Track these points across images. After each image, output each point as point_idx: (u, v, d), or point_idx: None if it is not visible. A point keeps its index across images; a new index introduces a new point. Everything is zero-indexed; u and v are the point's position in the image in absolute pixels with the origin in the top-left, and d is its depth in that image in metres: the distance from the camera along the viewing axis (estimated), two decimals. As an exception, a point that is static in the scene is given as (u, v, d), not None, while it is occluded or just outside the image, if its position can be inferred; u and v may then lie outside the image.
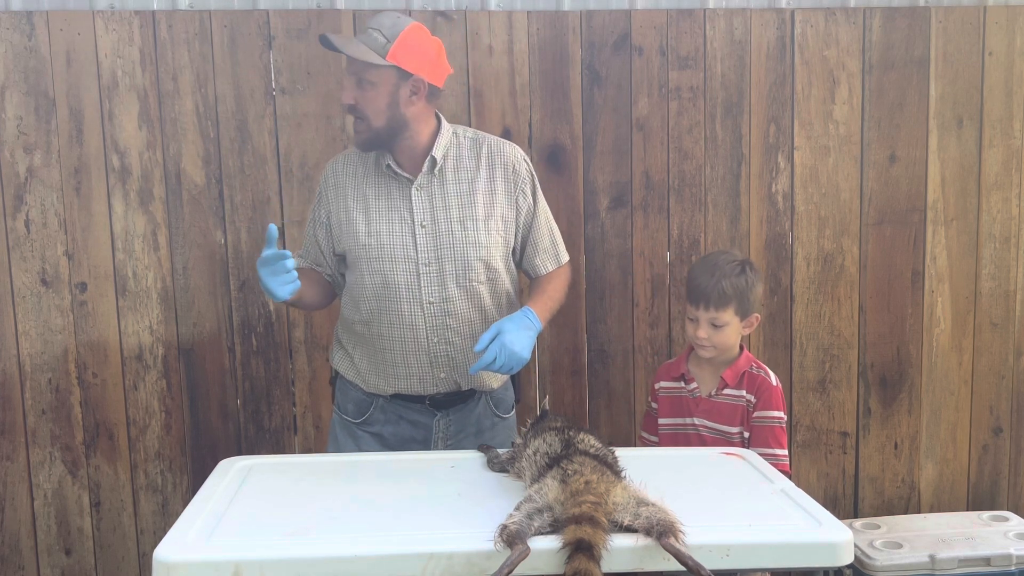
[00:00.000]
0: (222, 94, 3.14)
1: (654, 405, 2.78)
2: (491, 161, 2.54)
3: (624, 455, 2.11)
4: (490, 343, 2.35)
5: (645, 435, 2.81)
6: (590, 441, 2.09)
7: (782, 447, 2.57)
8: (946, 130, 3.45)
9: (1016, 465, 3.64)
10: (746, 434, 2.60)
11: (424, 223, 2.49)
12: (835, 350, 3.49)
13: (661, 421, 2.73)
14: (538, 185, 2.63)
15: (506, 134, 3.25)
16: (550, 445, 2.05)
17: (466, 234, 2.50)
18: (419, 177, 2.50)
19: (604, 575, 1.69)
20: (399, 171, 2.50)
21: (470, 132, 2.60)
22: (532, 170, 2.61)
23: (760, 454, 2.43)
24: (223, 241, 3.20)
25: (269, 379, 3.27)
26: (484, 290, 2.55)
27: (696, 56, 3.31)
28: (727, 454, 2.46)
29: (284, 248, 2.83)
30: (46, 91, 3.07)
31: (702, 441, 2.65)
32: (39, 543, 3.26)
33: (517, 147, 2.61)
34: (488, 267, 2.54)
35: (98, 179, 3.12)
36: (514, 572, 1.69)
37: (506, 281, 2.60)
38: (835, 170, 3.41)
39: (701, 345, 2.62)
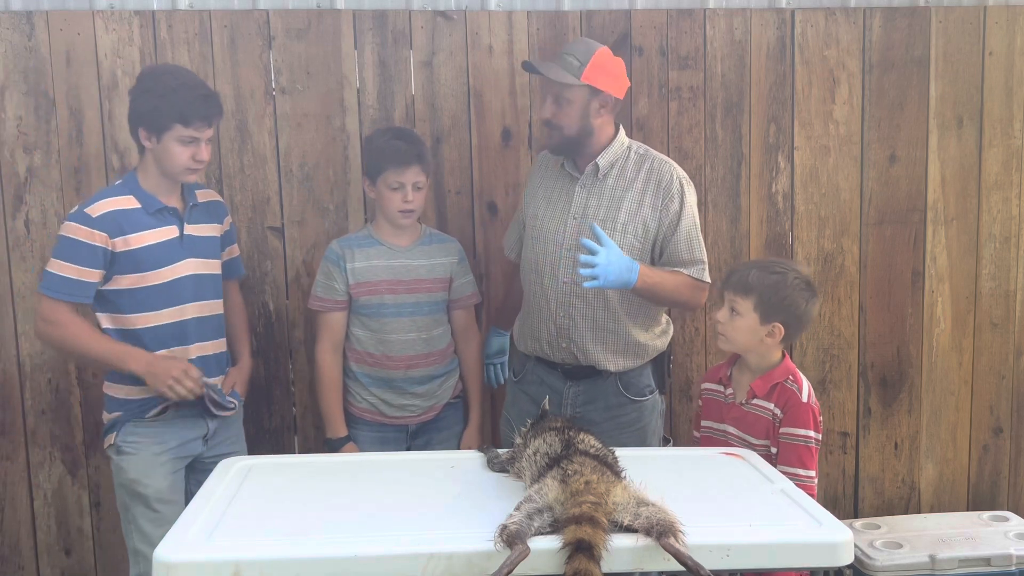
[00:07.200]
0: (222, 94, 3.12)
1: (700, 404, 2.79)
2: (648, 176, 2.80)
3: (624, 455, 2.12)
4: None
5: (696, 433, 2.81)
6: (590, 441, 2.09)
7: (807, 468, 2.46)
8: (946, 130, 3.44)
9: (1016, 465, 3.64)
10: (773, 449, 2.52)
11: (576, 215, 2.81)
12: (835, 350, 3.49)
13: (703, 422, 2.73)
14: (688, 205, 2.78)
15: (506, 134, 3.25)
16: (550, 445, 2.05)
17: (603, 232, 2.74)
18: (583, 177, 2.81)
19: (604, 575, 1.70)
20: (570, 170, 2.85)
21: (643, 149, 2.87)
22: (686, 191, 2.79)
23: (783, 472, 2.37)
24: (223, 241, 3.19)
25: (269, 379, 3.26)
26: None
27: (696, 56, 3.31)
28: (727, 454, 2.46)
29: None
30: (46, 91, 3.07)
31: None
32: (39, 543, 3.26)
33: (678, 168, 2.83)
34: None
35: (98, 179, 3.11)
36: (514, 572, 1.69)
37: None
38: (835, 170, 3.41)
39: (717, 330, 2.63)
